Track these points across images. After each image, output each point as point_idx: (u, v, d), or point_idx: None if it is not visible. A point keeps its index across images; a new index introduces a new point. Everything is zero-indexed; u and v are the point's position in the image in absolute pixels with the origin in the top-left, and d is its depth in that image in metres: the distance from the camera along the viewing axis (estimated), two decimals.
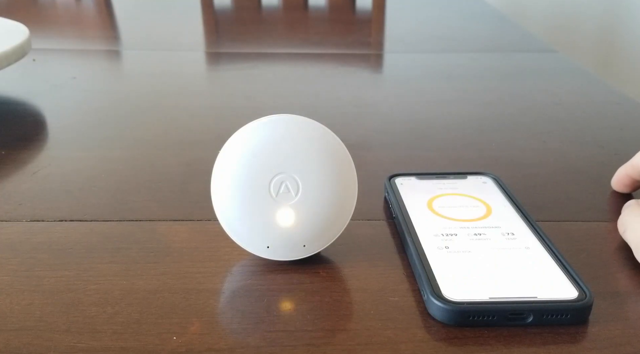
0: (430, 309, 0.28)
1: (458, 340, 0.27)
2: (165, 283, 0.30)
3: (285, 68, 0.72)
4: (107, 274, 0.31)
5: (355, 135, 0.50)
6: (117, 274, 0.31)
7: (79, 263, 0.32)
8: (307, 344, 0.26)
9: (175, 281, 0.31)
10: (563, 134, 0.51)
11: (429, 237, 0.32)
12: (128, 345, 0.26)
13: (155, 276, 0.31)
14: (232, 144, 0.31)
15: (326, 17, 1.04)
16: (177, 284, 0.30)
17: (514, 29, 0.94)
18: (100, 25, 0.97)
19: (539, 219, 0.36)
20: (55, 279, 0.31)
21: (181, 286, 0.30)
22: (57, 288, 0.30)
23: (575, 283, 0.29)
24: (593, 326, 0.27)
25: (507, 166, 0.45)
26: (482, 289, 0.28)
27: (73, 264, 0.32)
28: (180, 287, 0.30)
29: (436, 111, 0.57)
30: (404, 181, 0.39)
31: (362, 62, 0.76)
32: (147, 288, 0.30)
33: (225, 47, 0.83)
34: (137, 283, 0.30)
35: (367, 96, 0.61)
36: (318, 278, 0.31)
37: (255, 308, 0.29)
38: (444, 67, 0.72)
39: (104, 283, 0.30)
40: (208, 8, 1.07)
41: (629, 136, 0.51)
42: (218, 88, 0.66)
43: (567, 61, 0.75)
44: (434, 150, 0.48)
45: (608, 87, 0.64)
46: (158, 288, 0.30)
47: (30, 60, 0.70)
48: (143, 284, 0.30)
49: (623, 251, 0.33)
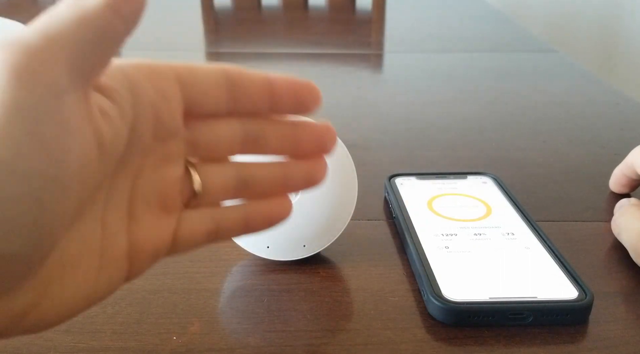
0: (430, 309, 0.28)
1: (458, 340, 0.27)
2: (165, 283, 0.30)
3: (285, 68, 0.72)
4: None
5: (355, 135, 0.50)
6: None
7: None
8: (307, 344, 0.26)
9: (175, 281, 0.31)
10: (563, 134, 0.51)
11: (429, 237, 0.32)
12: (128, 345, 0.26)
13: (155, 276, 0.31)
14: None
15: (326, 17, 1.04)
16: (177, 284, 0.30)
17: (514, 29, 0.94)
18: None
19: (539, 219, 0.36)
20: None
21: (181, 286, 0.30)
22: None
23: (575, 282, 0.29)
24: (593, 326, 0.27)
25: (507, 166, 0.45)
26: (482, 289, 0.28)
27: None
28: (180, 287, 0.30)
29: (436, 110, 0.57)
30: (404, 181, 0.39)
31: (362, 62, 0.76)
32: (147, 288, 0.30)
33: (225, 47, 0.83)
34: (137, 283, 0.30)
35: (367, 96, 0.61)
36: (318, 277, 0.31)
37: (255, 308, 0.29)
38: (444, 67, 0.72)
39: None
40: (208, 8, 1.07)
41: (629, 136, 0.51)
42: None
43: (567, 61, 0.75)
44: (434, 150, 0.48)
45: (608, 87, 0.64)
46: (158, 288, 0.30)
47: None
48: (143, 284, 0.30)
49: (623, 251, 0.33)
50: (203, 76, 0.22)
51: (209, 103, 0.22)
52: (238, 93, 0.23)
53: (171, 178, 0.22)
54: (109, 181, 0.20)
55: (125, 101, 0.20)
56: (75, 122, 0.17)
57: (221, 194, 0.24)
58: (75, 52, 0.17)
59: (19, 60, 0.16)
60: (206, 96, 0.22)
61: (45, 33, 0.17)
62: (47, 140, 0.16)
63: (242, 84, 0.23)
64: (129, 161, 0.21)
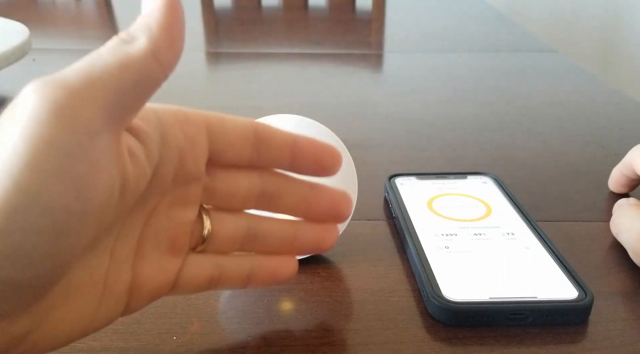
0: (430, 309, 0.28)
1: (458, 340, 0.27)
2: None
3: (285, 68, 0.72)
4: None
5: (355, 135, 0.50)
6: None
7: None
8: (307, 344, 0.26)
9: None
10: (563, 134, 0.51)
11: (429, 237, 0.32)
12: (128, 345, 0.26)
13: None
14: None
15: (326, 17, 1.04)
16: None
17: (514, 29, 0.94)
18: (100, 25, 0.97)
19: (539, 219, 0.36)
20: None
21: None
22: None
23: (575, 282, 0.29)
24: (593, 326, 0.27)
25: (507, 166, 0.45)
26: (482, 289, 0.28)
27: None
28: None
29: (436, 110, 0.57)
30: (404, 181, 0.39)
31: (362, 62, 0.76)
32: None
33: (225, 47, 0.83)
34: None
35: (367, 96, 0.61)
36: (318, 277, 0.31)
37: (255, 308, 0.29)
38: (444, 67, 0.72)
39: None
40: (208, 8, 1.06)
41: (629, 136, 0.51)
42: (218, 88, 0.66)
43: (567, 61, 0.75)
44: (434, 150, 0.48)
45: (608, 87, 0.64)
46: None
47: (30, 60, 0.70)
48: None
49: (623, 251, 0.33)
50: (232, 128, 0.23)
51: (234, 155, 0.23)
52: (262, 149, 0.23)
53: (184, 221, 0.23)
54: (125, 215, 0.21)
55: (153, 143, 0.21)
56: (104, 161, 0.18)
57: (229, 243, 0.24)
58: (113, 95, 0.18)
59: (59, 97, 0.17)
60: (232, 147, 0.23)
61: (87, 74, 0.18)
62: (75, 177, 0.17)
63: (268, 141, 0.23)
64: (147, 199, 0.21)
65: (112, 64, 0.18)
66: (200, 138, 0.22)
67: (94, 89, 0.18)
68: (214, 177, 0.23)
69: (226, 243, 0.24)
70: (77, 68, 0.18)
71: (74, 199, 0.17)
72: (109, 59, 0.18)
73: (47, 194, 0.16)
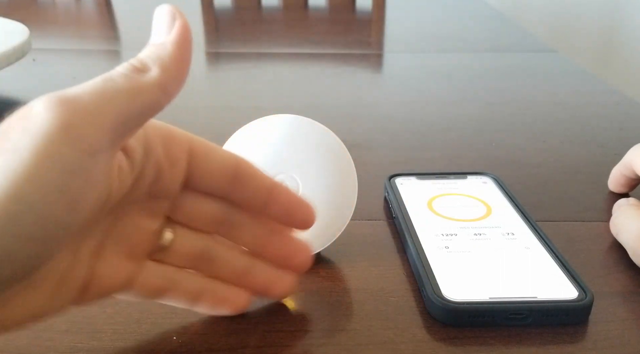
0: (430, 309, 0.28)
1: (458, 340, 0.27)
2: None
3: (285, 68, 0.72)
4: None
5: (355, 135, 0.50)
6: None
7: None
8: (307, 344, 0.26)
9: None
10: (563, 134, 0.51)
11: (429, 237, 0.32)
12: (128, 345, 0.26)
13: None
14: (232, 144, 0.31)
15: (326, 17, 1.04)
16: None
17: (514, 29, 0.94)
18: (100, 25, 0.97)
19: (539, 219, 0.36)
20: None
21: None
22: None
23: (575, 282, 0.29)
24: (593, 326, 0.27)
25: (507, 166, 0.45)
26: (482, 289, 0.28)
27: None
28: None
29: (436, 110, 0.57)
30: (404, 181, 0.39)
31: (362, 62, 0.76)
32: None
33: (225, 47, 0.83)
34: None
35: (367, 96, 0.61)
36: (318, 278, 0.31)
37: (255, 308, 0.29)
38: (444, 67, 0.72)
39: None
40: (208, 8, 1.06)
41: (629, 136, 0.51)
42: (218, 88, 0.66)
43: (567, 61, 0.75)
44: (434, 150, 0.48)
45: (608, 87, 0.64)
46: None
47: (30, 60, 0.70)
48: None
49: (623, 251, 0.33)
50: (214, 159, 0.24)
51: (209, 184, 0.24)
52: (238, 187, 0.24)
53: (147, 230, 0.24)
54: (96, 219, 0.22)
55: (138, 157, 0.22)
56: (99, 177, 0.19)
57: (185, 258, 0.25)
58: (120, 118, 0.19)
59: (70, 115, 0.18)
60: (210, 177, 0.24)
61: (99, 97, 0.19)
62: (72, 192, 0.18)
63: (246, 181, 0.24)
64: (119, 206, 0.22)
65: (124, 90, 0.19)
66: (181, 160, 0.23)
67: (103, 112, 0.19)
68: (184, 195, 0.24)
69: (182, 258, 0.25)
70: (89, 88, 0.19)
71: (67, 212, 0.18)
72: (121, 84, 0.19)
73: (43, 205, 0.17)
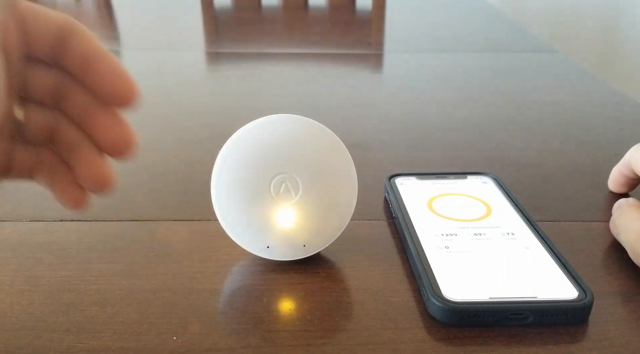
0: (430, 309, 0.28)
1: (458, 340, 0.27)
2: (165, 283, 0.30)
3: (285, 68, 0.72)
4: (107, 274, 0.31)
5: (355, 135, 0.50)
6: (117, 274, 0.31)
7: (79, 263, 0.32)
8: (307, 344, 0.26)
9: (175, 281, 0.31)
10: (563, 133, 0.51)
11: (429, 237, 0.32)
12: (128, 345, 0.26)
13: (155, 276, 0.31)
14: (232, 144, 0.30)
15: (326, 17, 1.04)
16: (177, 284, 0.30)
17: (513, 29, 0.94)
18: (100, 25, 0.97)
19: (539, 219, 0.36)
20: (55, 279, 0.31)
21: (181, 286, 0.30)
22: (57, 288, 0.30)
23: (575, 282, 0.29)
24: (593, 326, 0.27)
25: (507, 166, 0.45)
26: (482, 289, 0.28)
27: (73, 264, 0.32)
28: (180, 287, 0.30)
29: (436, 110, 0.57)
30: (404, 181, 0.39)
31: (362, 62, 0.76)
32: (147, 288, 0.30)
33: (225, 47, 0.83)
34: (137, 283, 0.30)
35: (367, 96, 0.61)
36: (318, 278, 0.31)
37: (255, 308, 0.29)
38: (444, 67, 0.72)
39: (104, 283, 0.30)
40: (208, 8, 1.06)
41: (629, 136, 0.51)
42: (218, 88, 0.66)
43: (567, 61, 0.75)
44: (434, 150, 0.48)
45: (608, 87, 0.64)
46: (158, 288, 0.30)
47: None
48: (143, 284, 0.30)
49: (623, 251, 0.33)
50: (40, 19, 0.23)
51: (39, 48, 0.23)
52: (65, 49, 0.23)
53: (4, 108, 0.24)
54: None
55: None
56: None
57: (37, 131, 0.25)
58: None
59: None
60: (38, 39, 0.23)
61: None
62: None
63: (71, 43, 0.23)
64: None
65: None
66: (10, 25, 0.22)
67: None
68: (26, 68, 0.24)
69: (38, 133, 0.25)
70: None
71: None
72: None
73: None
